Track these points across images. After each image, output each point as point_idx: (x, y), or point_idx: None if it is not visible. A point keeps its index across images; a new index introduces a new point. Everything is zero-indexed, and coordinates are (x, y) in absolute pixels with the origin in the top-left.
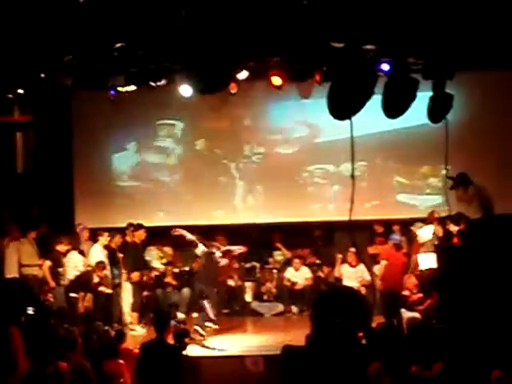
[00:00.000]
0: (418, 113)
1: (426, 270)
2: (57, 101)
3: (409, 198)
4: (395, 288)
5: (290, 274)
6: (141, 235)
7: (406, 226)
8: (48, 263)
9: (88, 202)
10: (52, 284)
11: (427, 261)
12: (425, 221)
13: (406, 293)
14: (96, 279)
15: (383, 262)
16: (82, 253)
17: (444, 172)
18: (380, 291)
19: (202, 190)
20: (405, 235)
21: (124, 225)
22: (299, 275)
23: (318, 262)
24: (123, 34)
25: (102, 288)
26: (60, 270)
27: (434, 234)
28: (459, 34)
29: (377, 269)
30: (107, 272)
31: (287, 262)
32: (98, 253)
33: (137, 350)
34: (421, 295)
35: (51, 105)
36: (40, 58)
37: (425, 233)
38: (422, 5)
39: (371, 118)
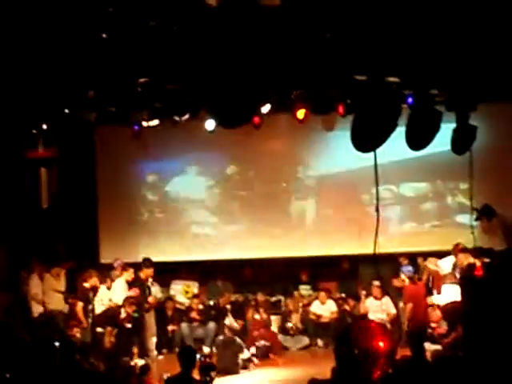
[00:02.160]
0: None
1: (450, 302)
2: (80, 136)
3: None
4: (420, 323)
5: (315, 307)
6: (148, 272)
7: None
8: (81, 304)
9: (113, 236)
10: (85, 324)
11: (450, 293)
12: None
13: (433, 325)
14: (123, 314)
15: (409, 305)
16: (109, 288)
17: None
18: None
19: (226, 223)
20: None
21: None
22: (325, 308)
23: (343, 295)
24: (146, 69)
25: (128, 324)
26: (89, 306)
27: (454, 265)
28: (482, 66)
29: (402, 308)
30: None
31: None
32: (120, 288)
33: None
34: (446, 328)
35: (75, 140)
36: (63, 93)
37: (445, 265)
38: (445, 37)
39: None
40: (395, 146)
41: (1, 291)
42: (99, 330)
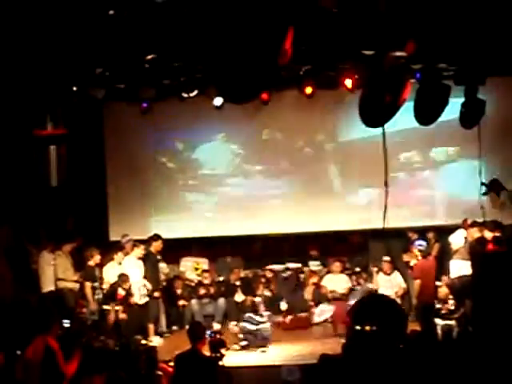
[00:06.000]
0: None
1: (456, 278)
2: (89, 113)
3: None
4: (429, 298)
5: (327, 281)
6: (157, 246)
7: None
8: (89, 284)
9: (122, 214)
10: (93, 305)
11: (459, 268)
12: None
13: (439, 305)
14: (122, 292)
15: (417, 282)
16: (119, 264)
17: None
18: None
19: (235, 201)
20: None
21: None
22: (337, 283)
23: (357, 269)
24: (154, 45)
25: (131, 300)
26: (95, 284)
27: (465, 239)
28: (490, 40)
29: (411, 283)
30: (137, 283)
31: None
32: (132, 265)
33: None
34: (454, 304)
35: (84, 117)
36: (72, 71)
37: (457, 239)
38: (453, 12)
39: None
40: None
41: (9, 268)
42: (105, 307)
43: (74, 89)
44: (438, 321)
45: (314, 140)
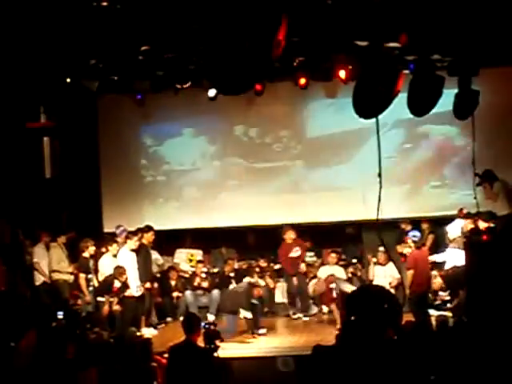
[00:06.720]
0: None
1: (450, 268)
2: (83, 105)
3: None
4: (423, 289)
5: (322, 273)
6: (149, 237)
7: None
8: (83, 276)
9: (116, 205)
10: (87, 296)
11: (455, 257)
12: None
13: (433, 295)
14: (118, 284)
15: (410, 272)
16: (114, 256)
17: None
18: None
19: (229, 191)
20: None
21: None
22: (332, 273)
23: (354, 261)
24: (148, 37)
25: (128, 292)
26: (90, 276)
27: (462, 229)
28: (484, 30)
29: (405, 274)
30: (132, 275)
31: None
32: (126, 257)
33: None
34: (448, 294)
35: (77, 109)
36: (65, 62)
37: (454, 229)
38: (447, 3)
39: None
40: None
41: (4, 261)
42: (100, 299)
43: (68, 80)
44: (433, 311)
45: (309, 130)
